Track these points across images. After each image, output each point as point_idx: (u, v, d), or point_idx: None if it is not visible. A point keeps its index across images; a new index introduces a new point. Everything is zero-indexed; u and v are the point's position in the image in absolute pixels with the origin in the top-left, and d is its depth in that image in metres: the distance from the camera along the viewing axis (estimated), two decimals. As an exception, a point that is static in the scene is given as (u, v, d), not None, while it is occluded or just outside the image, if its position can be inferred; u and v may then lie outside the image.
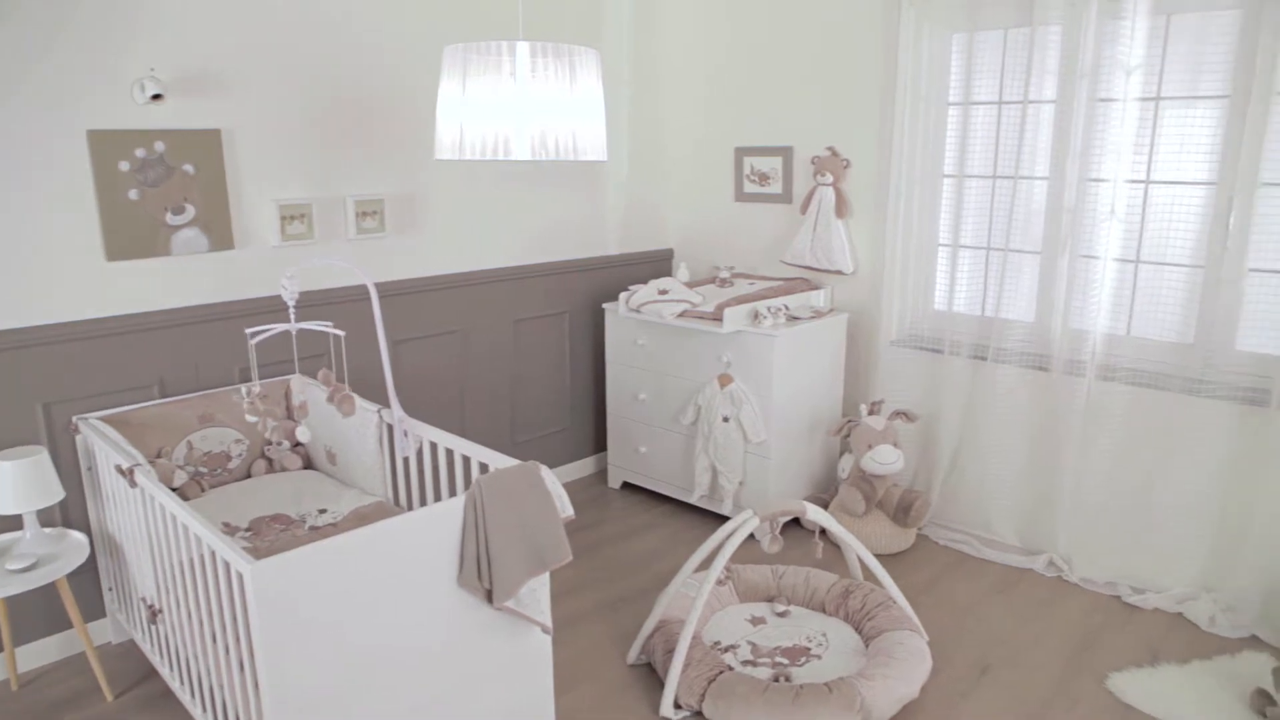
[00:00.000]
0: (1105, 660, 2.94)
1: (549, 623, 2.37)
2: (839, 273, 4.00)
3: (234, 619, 2.13)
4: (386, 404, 3.66)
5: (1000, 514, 3.70)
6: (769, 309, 3.61)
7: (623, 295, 3.94)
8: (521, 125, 2.10)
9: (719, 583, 3.14)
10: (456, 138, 2.10)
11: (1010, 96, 3.46)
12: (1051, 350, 3.46)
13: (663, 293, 3.78)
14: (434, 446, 4.01)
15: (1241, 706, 2.68)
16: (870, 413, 3.69)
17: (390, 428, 3.34)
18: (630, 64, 4.30)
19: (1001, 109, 3.49)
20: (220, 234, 3.09)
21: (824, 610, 3.12)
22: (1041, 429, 3.55)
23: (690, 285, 4.07)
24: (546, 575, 2.34)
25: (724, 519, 4.00)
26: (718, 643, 2.93)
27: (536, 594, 2.32)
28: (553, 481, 2.30)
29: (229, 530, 2.72)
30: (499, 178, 3.87)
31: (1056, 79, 3.33)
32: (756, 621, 3.06)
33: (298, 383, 2.83)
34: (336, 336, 3.39)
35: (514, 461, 2.35)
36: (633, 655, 2.90)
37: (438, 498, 3.60)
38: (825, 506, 3.79)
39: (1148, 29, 3.13)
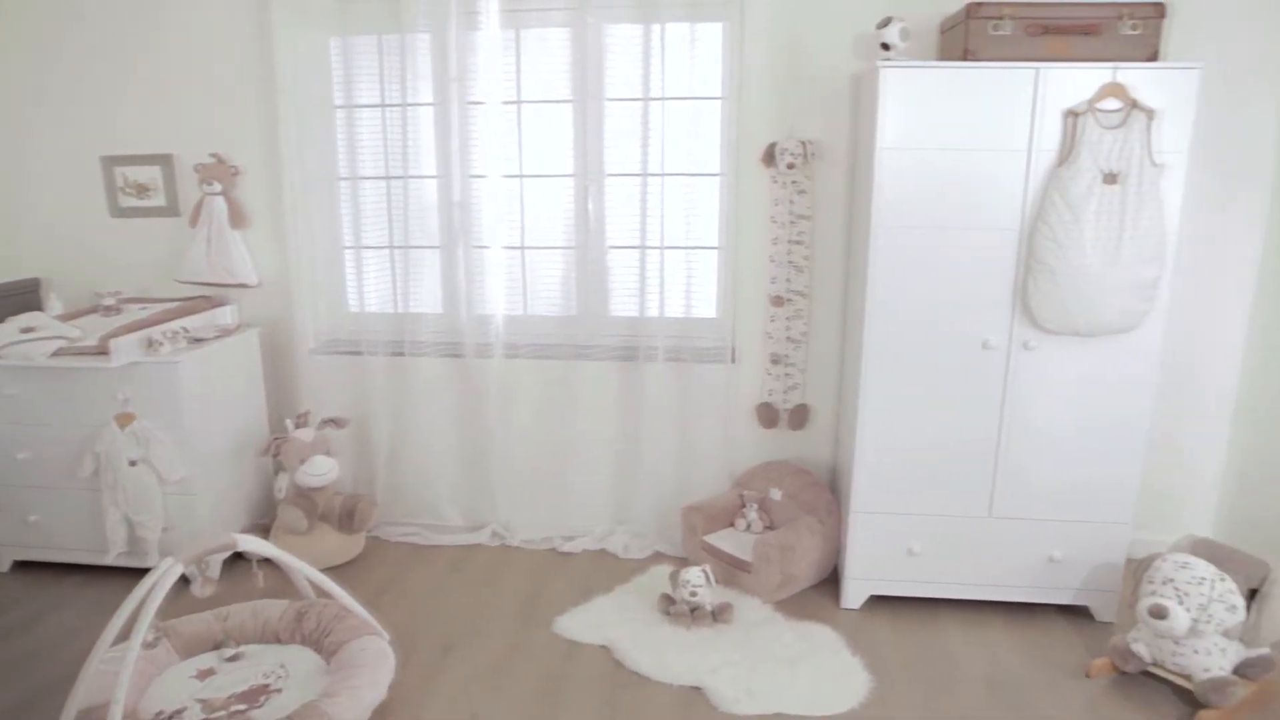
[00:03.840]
0: (550, 607, 3.25)
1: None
2: (243, 285, 3.78)
3: None
4: None
5: (443, 499, 3.86)
6: (165, 334, 3.27)
7: (-27, 339, 3.25)
8: None
9: (148, 646, 2.77)
10: None
11: (391, 99, 3.57)
12: (462, 337, 3.68)
13: (27, 330, 3.20)
14: None
15: (654, 612, 3.17)
16: (298, 426, 3.57)
17: None
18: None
19: (385, 111, 3.59)
20: None
21: (279, 640, 2.94)
22: (466, 412, 3.78)
23: (66, 318, 3.49)
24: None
25: (153, 573, 3.55)
26: (160, 712, 2.60)
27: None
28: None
29: None
30: None
31: (432, 83, 3.52)
32: (205, 674, 2.78)
33: None
34: None
35: None
36: (51, 761, 2.44)
37: None
38: (268, 531, 3.58)
39: (502, 40, 3.46)
